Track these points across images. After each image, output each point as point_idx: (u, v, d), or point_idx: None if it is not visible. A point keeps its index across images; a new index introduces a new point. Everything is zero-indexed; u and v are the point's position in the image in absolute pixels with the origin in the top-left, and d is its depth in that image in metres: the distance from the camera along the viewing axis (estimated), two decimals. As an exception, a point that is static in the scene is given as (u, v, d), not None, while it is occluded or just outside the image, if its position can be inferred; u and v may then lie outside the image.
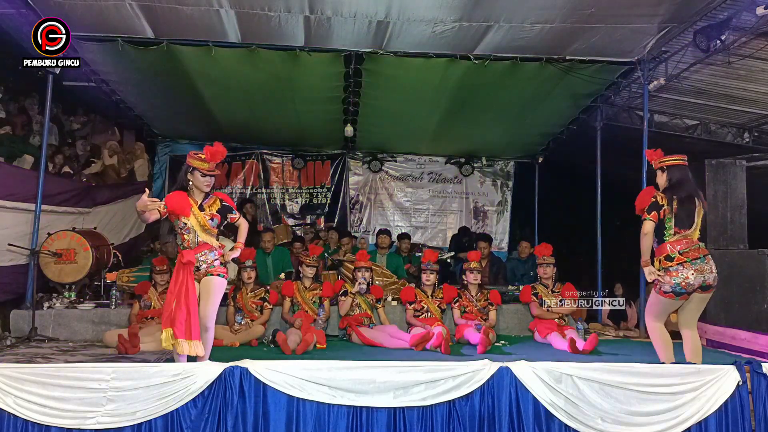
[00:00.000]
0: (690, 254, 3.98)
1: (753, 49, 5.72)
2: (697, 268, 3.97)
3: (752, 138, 7.81)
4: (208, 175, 4.06)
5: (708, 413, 3.59)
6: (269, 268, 7.12)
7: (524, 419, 3.52)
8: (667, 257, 4.02)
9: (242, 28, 5.82)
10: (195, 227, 4.02)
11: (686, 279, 3.96)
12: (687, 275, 3.96)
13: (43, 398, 3.40)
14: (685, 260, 3.97)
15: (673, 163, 4.18)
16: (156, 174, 9.83)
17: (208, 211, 4.08)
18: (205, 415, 3.43)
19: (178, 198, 3.98)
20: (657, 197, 4.07)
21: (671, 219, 4.03)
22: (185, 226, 4.02)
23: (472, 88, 7.00)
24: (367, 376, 3.51)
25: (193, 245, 4.01)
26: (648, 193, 4.15)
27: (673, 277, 3.98)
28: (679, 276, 3.97)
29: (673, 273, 3.98)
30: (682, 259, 3.98)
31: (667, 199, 4.06)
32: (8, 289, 5.94)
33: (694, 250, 4.00)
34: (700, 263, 3.98)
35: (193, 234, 4.02)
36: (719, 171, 6.29)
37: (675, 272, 3.98)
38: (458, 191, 10.46)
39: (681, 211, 4.03)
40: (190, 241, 4.01)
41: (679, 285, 3.97)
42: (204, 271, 4.03)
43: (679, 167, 4.18)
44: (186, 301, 3.85)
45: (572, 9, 5.30)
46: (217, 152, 4.05)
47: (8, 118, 7.87)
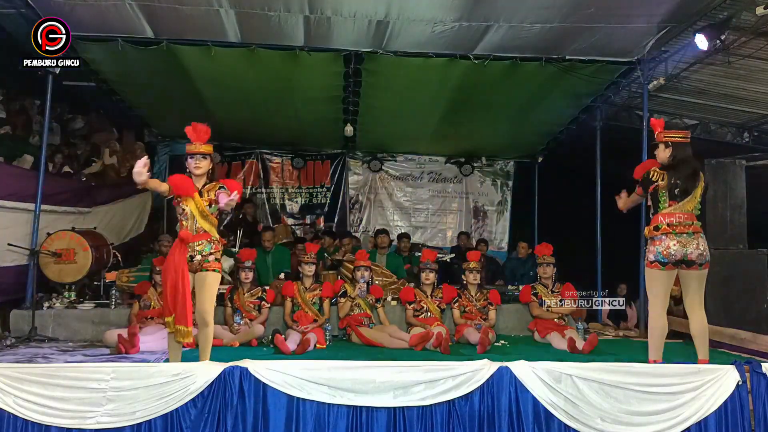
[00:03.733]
0: (678, 228, 4.04)
1: (753, 49, 5.72)
2: (680, 240, 4.01)
3: (752, 138, 7.81)
4: (194, 155, 3.97)
5: (707, 413, 3.59)
6: (269, 267, 7.13)
7: (524, 419, 3.52)
8: (655, 227, 4.10)
9: (242, 28, 5.83)
10: (194, 212, 3.94)
11: (667, 248, 4.01)
12: (669, 245, 4.01)
13: (43, 398, 3.40)
14: (670, 232, 4.04)
15: (679, 140, 4.20)
16: (156, 174, 9.79)
17: (206, 196, 3.99)
18: (205, 415, 3.43)
19: (182, 179, 3.90)
20: (651, 172, 4.14)
21: (665, 194, 4.09)
22: (183, 211, 3.94)
23: (471, 88, 7.00)
24: (367, 376, 3.51)
25: (192, 232, 3.94)
26: (644, 167, 4.23)
27: (656, 246, 4.05)
28: (661, 245, 4.03)
29: (657, 242, 4.06)
30: (668, 230, 4.04)
31: (665, 174, 4.09)
32: (9, 289, 5.93)
33: (684, 225, 4.04)
34: (685, 237, 4.03)
35: (192, 220, 3.94)
36: (719, 171, 6.27)
37: (658, 241, 4.05)
38: (458, 191, 10.47)
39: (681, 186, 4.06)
40: (188, 227, 3.94)
41: (661, 254, 4.03)
42: (198, 264, 3.94)
43: (683, 145, 4.20)
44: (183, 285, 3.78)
45: (572, 9, 5.30)
46: (199, 130, 3.99)
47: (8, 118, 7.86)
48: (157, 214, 9.58)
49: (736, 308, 5.77)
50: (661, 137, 4.23)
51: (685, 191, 4.07)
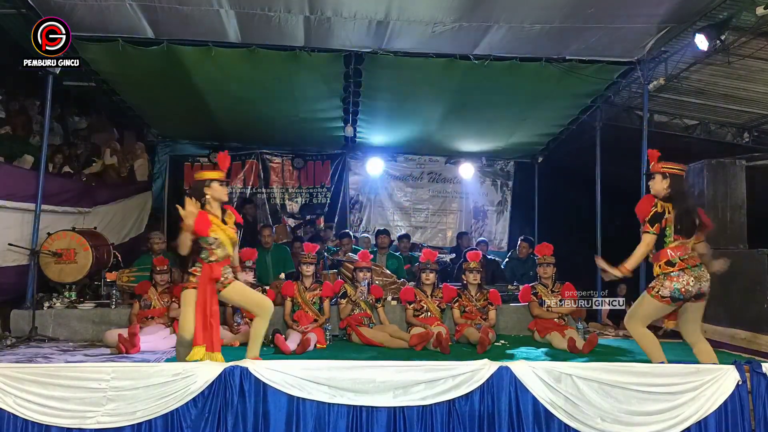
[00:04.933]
0: (689, 261, 3.98)
1: (753, 49, 5.72)
2: (695, 275, 3.96)
3: (752, 138, 7.81)
4: (223, 182, 4.14)
5: (707, 413, 3.58)
6: (269, 266, 7.13)
7: (524, 419, 3.52)
8: (668, 263, 4.00)
9: (242, 28, 5.83)
10: (225, 242, 4.04)
11: (686, 285, 3.94)
12: (687, 281, 3.95)
13: (43, 398, 3.40)
14: (685, 266, 3.97)
15: (676, 172, 4.11)
16: (156, 174, 9.84)
17: (230, 223, 4.13)
18: (205, 414, 3.43)
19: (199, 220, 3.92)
20: (659, 206, 4.01)
21: (671, 227, 4.00)
22: (216, 241, 4.00)
23: (471, 88, 7.00)
24: (367, 376, 3.50)
25: (222, 259, 4.03)
26: (649, 202, 4.07)
27: (674, 282, 3.96)
28: (680, 281, 3.95)
29: (675, 278, 3.96)
30: (683, 265, 3.97)
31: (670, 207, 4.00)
32: (9, 289, 5.94)
33: (692, 257, 4.00)
34: (698, 270, 3.98)
35: (223, 248, 4.03)
36: (719, 171, 6.27)
37: (676, 278, 3.96)
38: (458, 191, 10.47)
39: (679, 221, 3.99)
40: (219, 255, 4.01)
41: (679, 291, 3.95)
42: (222, 284, 4.06)
43: (680, 177, 4.13)
44: (214, 319, 3.93)
45: (572, 9, 5.30)
46: (226, 158, 4.24)
47: (8, 118, 7.86)
48: (157, 214, 9.59)
49: (736, 308, 5.77)
50: (658, 168, 4.11)
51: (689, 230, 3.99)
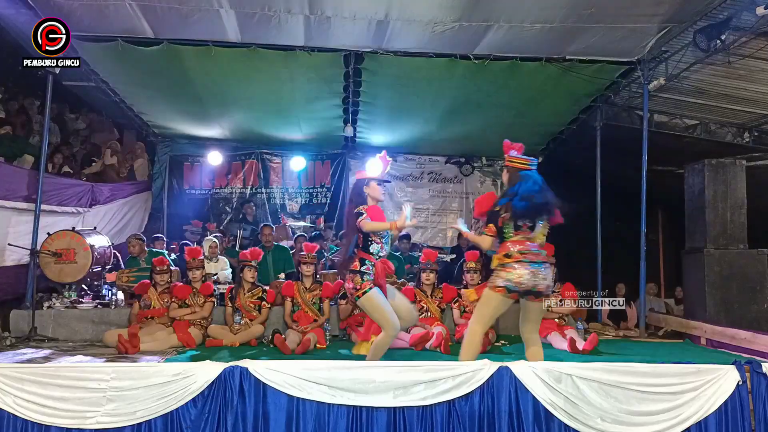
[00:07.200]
0: (529, 256, 3.88)
1: (753, 49, 5.72)
2: (532, 270, 3.84)
3: (752, 138, 7.81)
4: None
5: (708, 413, 3.59)
6: (269, 266, 7.12)
7: (524, 419, 3.52)
8: (506, 254, 3.90)
9: (242, 28, 5.83)
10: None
11: (520, 277, 3.82)
12: (522, 273, 3.82)
13: (42, 398, 3.40)
14: (522, 260, 3.86)
15: (516, 166, 4.12)
16: (156, 174, 9.83)
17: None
18: (205, 414, 3.43)
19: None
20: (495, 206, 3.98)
21: (509, 224, 3.92)
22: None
23: (472, 87, 7.00)
24: (367, 376, 3.50)
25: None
26: (488, 200, 4.08)
27: (508, 273, 3.85)
28: (513, 273, 3.84)
29: (509, 269, 3.86)
30: (520, 258, 3.87)
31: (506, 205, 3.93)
32: (9, 289, 5.94)
33: (533, 253, 3.89)
34: (536, 267, 3.86)
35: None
36: (719, 171, 6.28)
37: (510, 268, 3.85)
38: (458, 191, 10.46)
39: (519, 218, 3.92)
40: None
41: (512, 281, 3.83)
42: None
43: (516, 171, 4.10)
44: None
45: (572, 9, 5.30)
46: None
47: (8, 118, 7.87)
48: (156, 214, 9.59)
49: (736, 308, 5.78)
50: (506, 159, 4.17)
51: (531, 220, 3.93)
